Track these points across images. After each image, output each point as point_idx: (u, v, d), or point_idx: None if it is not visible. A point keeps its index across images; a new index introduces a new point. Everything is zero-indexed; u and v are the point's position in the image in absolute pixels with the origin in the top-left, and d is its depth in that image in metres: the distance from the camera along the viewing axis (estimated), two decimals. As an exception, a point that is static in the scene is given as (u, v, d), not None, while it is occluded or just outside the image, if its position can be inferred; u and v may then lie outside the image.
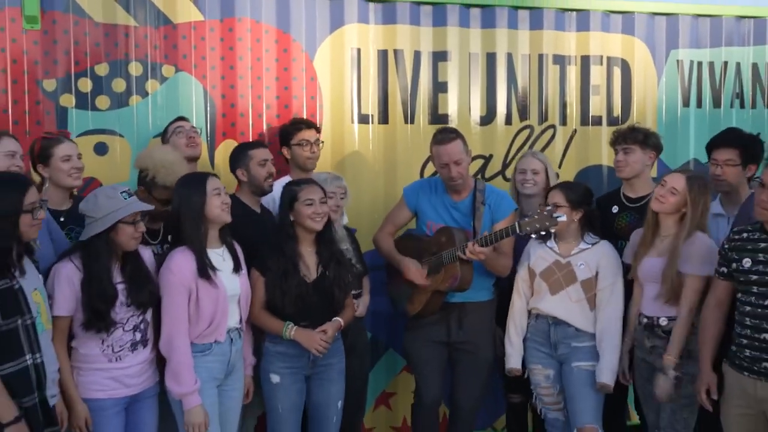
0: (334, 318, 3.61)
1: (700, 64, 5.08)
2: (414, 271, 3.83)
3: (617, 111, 4.98)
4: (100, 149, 4.23)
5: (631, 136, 3.99)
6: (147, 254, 3.33)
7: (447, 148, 3.75)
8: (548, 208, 3.49)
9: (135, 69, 4.28)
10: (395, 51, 4.65)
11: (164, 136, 4.14)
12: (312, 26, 4.52)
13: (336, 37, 4.56)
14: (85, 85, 4.20)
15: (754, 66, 5.16)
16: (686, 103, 5.08)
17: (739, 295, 3.16)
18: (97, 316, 3.07)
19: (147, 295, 3.20)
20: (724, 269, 3.22)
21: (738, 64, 5.13)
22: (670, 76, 5.04)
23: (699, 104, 5.10)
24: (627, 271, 3.70)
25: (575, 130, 4.93)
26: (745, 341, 3.12)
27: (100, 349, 3.15)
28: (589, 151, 4.94)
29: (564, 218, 3.46)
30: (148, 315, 3.26)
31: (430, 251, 3.82)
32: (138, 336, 3.22)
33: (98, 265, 3.08)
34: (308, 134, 4.24)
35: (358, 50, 4.60)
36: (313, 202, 3.51)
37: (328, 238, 3.62)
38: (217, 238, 3.42)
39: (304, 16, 4.49)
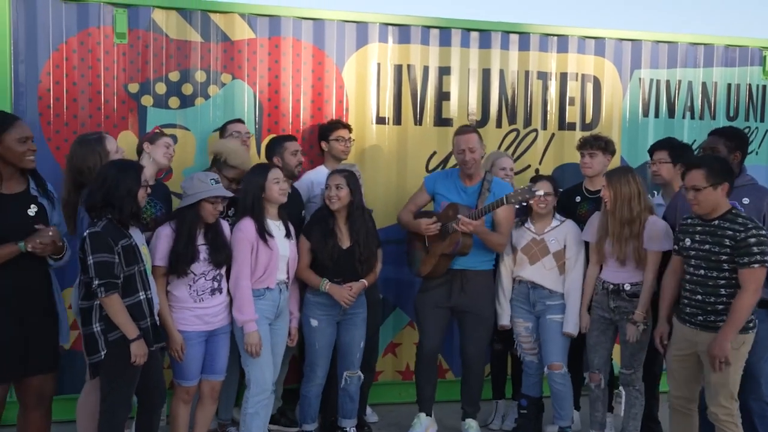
0: (360, 279, 4.69)
1: (658, 81, 6.12)
2: (425, 224, 4.77)
3: (589, 118, 6.02)
4: (171, 139, 5.28)
5: (596, 143, 5.03)
6: (226, 226, 4.38)
7: (464, 137, 4.75)
8: (528, 184, 4.56)
9: (200, 76, 5.31)
10: (408, 66, 5.68)
11: (223, 131, 5.17)
12: (342, 44, 5.54)
13: (361, 54, 5.59)
14: (161, 88, 5.23)
15: (703, 84, 6.20)
16: (646, 114, 6.12)
17: (685, 266, 4.19)
18: (178, 265, 4.10)
19: (223, 257, 4.24)
20: (676, 246, 4.26)
21: (690, 83, 6.18)
22: (633, 91, 6.08)
23: (657, 114, 6.14)
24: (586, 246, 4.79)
25: (554, 134, 5.97)
26: (686, 301, 4.14)
27: (188, 292, 4.19)
28: (565, 152, 5.98)
29: (541, 192, 4.51)
30: (224, 270, 4.32)
31: (440, 222, 4.79)
32: (216, 284, 4.26)
33: (187, 230, 4.12)
34: (343, 132, 5.29)
35: (378, 64, 5.63)
36: (329, 188, 4.58)
37: (359, 214, 4.66)
38: (276, 213, 4.48)
39: (335, 35, 5.51)
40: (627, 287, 4.58)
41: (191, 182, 4.16)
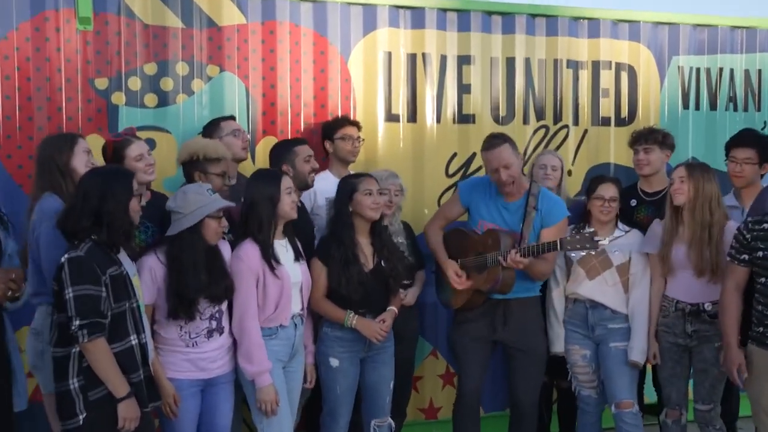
0: (389, 307, 3.88)
1: (698, 69, 5.48)
2: (452, 274, 3.95)
3: (624, 112, 5.33)
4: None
5: (651, 137, 4.36)
6: (226, 248, 3.54)
7: (494, 153, 3.87)
8: (590, 230, 3.76)
9: (182, 69, 4.46)
10: (423, 54, 4.92)
11: (211, 131, 4.27)
12: (347, 30, 4.76)
13: (369, 41, 4.81)
14: (135, 83, 4.38)
15: (746, 72, 5.58)
16: (686, 106, 5.46)
17: (763, 279, 3.48)
18: (184, 305, 3.28)
19: (223, 289, 3.41)
20: (745, 256, 3.54)
21: (732, 71, 5.54)
22: (671, 80, 5.42)
23: (697, 107, 5.49)
24: None
25: (586, 130, 5.27)
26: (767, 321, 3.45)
27: (178, 334, 3.37)
28: (600, 150, 5.28)
29: (606, 242, 3.70)
30: (224, 305, 3.47)
31: (476, 250, 3.96)
32: (213, 324, 3.43)
33: (190, 257, 3.28)
34: (351, 130, 4.50)
35: (389, 53, 4.86)
36: (371, 192, 3.77)
37: (379, 230, 3.87)
38: (281, 230, 3.66)
39: (339, 20, 4.73)
40: (708, 307, 3.87)
41: (184, 198, 3.33)
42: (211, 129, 4.27)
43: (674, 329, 3.97)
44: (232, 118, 4.35)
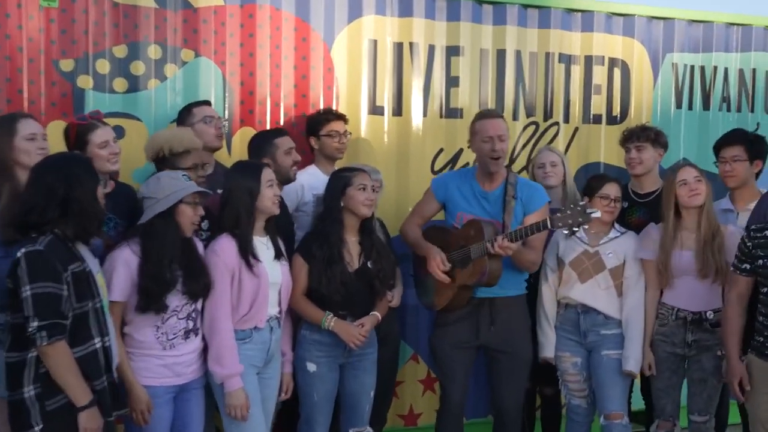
0: (372, 312, 3.64)
1: (692, 67, 5.30)
2: (435, 265, 3.68)
3: (616, 110, 5.14)
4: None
5: (644, 134, 4.17)
6: (200, 246, 3.28)
7: (493, 122, 3.73)
8: (581, 203, 3.49)
9: (154, 52, 4.17)
10: (411, 44, 4.68)
11: (183, 118, 3.99)
12: (331, 16, 4.50)
13: (354, 28, 4.56)
14: (103, 66, 4.08)
15: (740, 72, 5.41)
16: (679, 105, 5.28)
17: (765, 289, 3.31)
18: (152, 297, 3.02)
19: (202, 286, 3.16)
20: (747, 266, 3.37)
21: (726, 70, 5.37)
22: (665, 78, 5.23)
23: (690, 106, 5.32)
24: None
25: (577, 128, 5.07)
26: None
27: (154, 335, 3.10)
28: (590, 149, 5.09)
29: (598, 214, 3.48)
30: (200, 304, 3.22)
31: (458, 244, 3.75)
32: (191, 324, 3.18)
33: (161, 246, 3.03)
34: (337, 125, 4.25)
35: (375, 42, 4.62)
36: (365, 188, 3.53)
37: (369, 228, 3.65)
38: (262, 227, 3.41)
39: (323, 4, 4.47)
40: (710, 315, 3.69)
41: (158, 183, 3.08)
42: (183, 116, 3.99)
43: (673, 338, 3.78)
44: (207, 103, 4.07)
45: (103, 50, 4.07)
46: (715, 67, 5.35)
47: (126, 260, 3.01)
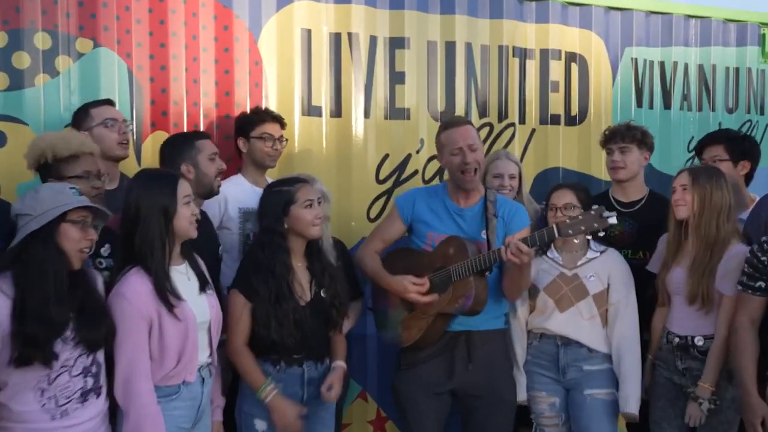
0: (335, 364, 3.06)
1: (651, 63, 4.90)
2: (412, 288, 3.14)
3: (575, 110, 4.67)
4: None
5: (629, 134, 3.67)
6: (99, 279, 2.57)
7: (460, 131, 3.22)
8: (596, 207, 2.94)
9: (42, 41, 3.44)
10: (349, 35, 4.08)
11: (81, 121, 3.26)
12: (257, 1, 3.86)
13: (284, 16, 3.94)
14: (-23, 58, 3.32)
15: (700, 67, 5.05)
16: (640, 104, 4.86)
17: None
18: (34, 344, 2.30)
19: (102, 332, 2.45)
20: (762, 283, 2.90)
21: (686, 65, 5.00)
22: (624, 74, 4.80)
23: (651, 105, 4.91)
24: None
25: (534, 129, 4.57)
26: None
27: (38, 403, 2.37)
28: (549, 153, 4.60)
29: (615, 219, 2.91)
30: (100, 355, 2.50)
31: (433, 267, 3.18)
32: (90, 382, 2.46)
33: (40, 276, 2.31)
34: (272, 128, 3.61)
35: (308, 31, 4.00)
36: (312, 203, 2.91)
37: (316, 249, 3.02)
38: (179, 253, 2.73)
39: (248, -13, 3.83)
40: (699, 341, 3.18)
41: (35, 197, 2.38)
42: (80, 118, 3.26)
43: (668, 365, 3.29)
44: (109, 102, 3.35)
45: (-23, 38, 3.31)
46: (675, 63, 4.96)
47: None
